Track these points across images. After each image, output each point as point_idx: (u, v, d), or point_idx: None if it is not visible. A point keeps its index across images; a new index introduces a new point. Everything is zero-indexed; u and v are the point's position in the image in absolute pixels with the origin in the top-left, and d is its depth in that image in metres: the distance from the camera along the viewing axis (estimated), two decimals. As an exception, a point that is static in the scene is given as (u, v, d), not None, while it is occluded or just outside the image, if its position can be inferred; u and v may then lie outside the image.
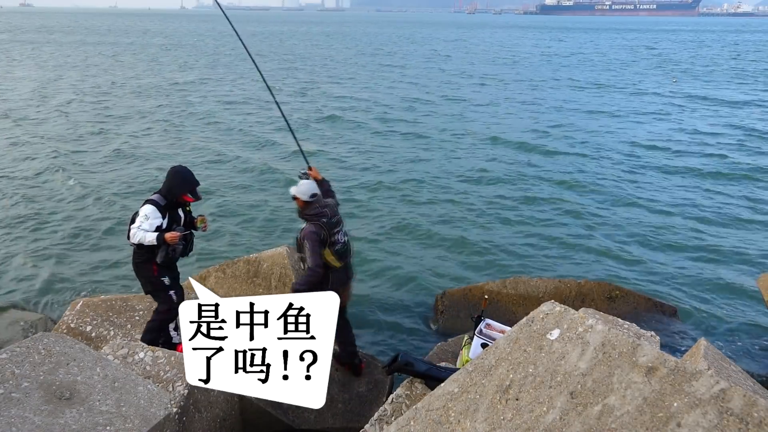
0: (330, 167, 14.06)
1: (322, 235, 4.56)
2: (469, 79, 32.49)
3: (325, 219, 4.61)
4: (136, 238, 4.54)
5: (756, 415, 2.32)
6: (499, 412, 2.65)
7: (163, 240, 4.53)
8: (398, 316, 7.35)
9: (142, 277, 4.79)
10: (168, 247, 4.58)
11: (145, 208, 4.56)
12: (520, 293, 7.00)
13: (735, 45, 66.05)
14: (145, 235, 4.52)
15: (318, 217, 4.61)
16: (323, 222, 4.59)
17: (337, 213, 4.80)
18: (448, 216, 10.85)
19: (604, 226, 10.41)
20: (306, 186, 4.73)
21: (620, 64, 42.38)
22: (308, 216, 4.65)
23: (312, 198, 4.68)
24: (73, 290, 7.82)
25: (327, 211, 4.66)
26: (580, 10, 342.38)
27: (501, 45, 65.02)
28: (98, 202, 11.23)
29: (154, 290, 4.79)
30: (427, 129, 18.86)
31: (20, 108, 21.02)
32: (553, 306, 2.94)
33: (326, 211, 4.66)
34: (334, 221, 4.68)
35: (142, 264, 4.72)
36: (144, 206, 4.57)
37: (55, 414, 2.75)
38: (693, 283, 8.32)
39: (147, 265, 4.70)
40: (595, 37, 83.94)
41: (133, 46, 52.87)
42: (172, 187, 4.65)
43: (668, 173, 13.83)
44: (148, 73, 33.10)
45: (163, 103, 22.84)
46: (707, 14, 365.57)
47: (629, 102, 24.97)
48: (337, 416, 4.69)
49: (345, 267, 4.79)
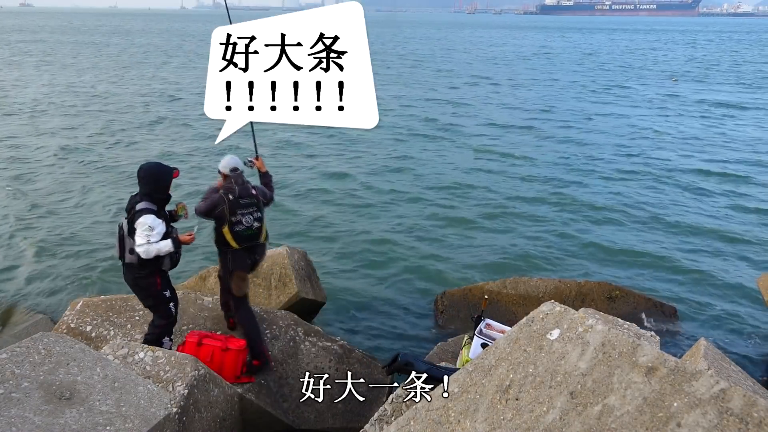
0: (331, 166, 14.08)
1: (219, 208, 4.63)
2: (459, 78, 32.50)
3: (231, 196, 4.67)
4: (150, 253, 4.26)
5: (756, 415, 2.32)
6: (499, 412, 2.65)
7: (179, 244, 4.41)
8: (398, 316, 7.35)
9: (143, 292, 4.55)
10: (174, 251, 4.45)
11: (145, 219, 4.22)
12: (520, 293, 7.00)
13: (736, 44, 66.07)
14: (159, 247, 4.28)
15: (227, 190, 4.70)
16: (229, 197, 4.65)
17: (253, 198, 4.78)
18: (448, 216, 10.85)
19: (605, 227, 10.41)
20: (227, 160, 4.81)
21: (625, 64, 42.40)
22: (218, 187, 4.80)
23: (231, 172, 4.75)
24: (73, 290, 7.82)
25: (237, 189, 4.71)
26: (580, 11, 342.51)
27: (502, 45, 65.05)
28: (98, 201, 11.24)
29: (155, 304, 4.57)
30: (426, 129, 18.87)
31: (18, 104, 21.04)
32: (553, 306, 2.94)
33: (236, 189, 4.71)
34: (242, 203, 4.70)
35: (144, 279, 4.45)
36: (141, 218, 4.22)
37: (55, 414, 2.75)
38: (693, 283, 8.32)
39: (151, 279, 4.46)
40: (604, 37, 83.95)
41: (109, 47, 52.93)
42: (156, 185, 4.37)
43: (668, 174, 13.82)
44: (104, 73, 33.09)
45: (166, 103, 22.86)
46: (707, 14, 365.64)
47: (630, 102, 24.97)
48: (337, 416, 4.69)
49: (247, 250, 4.80)
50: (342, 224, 10.35)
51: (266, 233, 4.95)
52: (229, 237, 4.69)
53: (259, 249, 4.94)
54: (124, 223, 4.36)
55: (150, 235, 4.23)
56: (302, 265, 6.44)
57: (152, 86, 27.69)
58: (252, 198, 4.77)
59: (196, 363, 3.75)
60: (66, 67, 35.22)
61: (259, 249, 4.94)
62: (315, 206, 11.27)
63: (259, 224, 4.81)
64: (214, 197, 4.71)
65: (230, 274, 4.85)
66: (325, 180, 13.02)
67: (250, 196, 4.76)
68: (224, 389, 3.95)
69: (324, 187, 12.54)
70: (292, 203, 11.43)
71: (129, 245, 4.33)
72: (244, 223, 4.71)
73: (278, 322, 5.23)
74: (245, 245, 4.74)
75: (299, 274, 6.19)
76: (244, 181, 4.82)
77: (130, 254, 4.35)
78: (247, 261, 4.83)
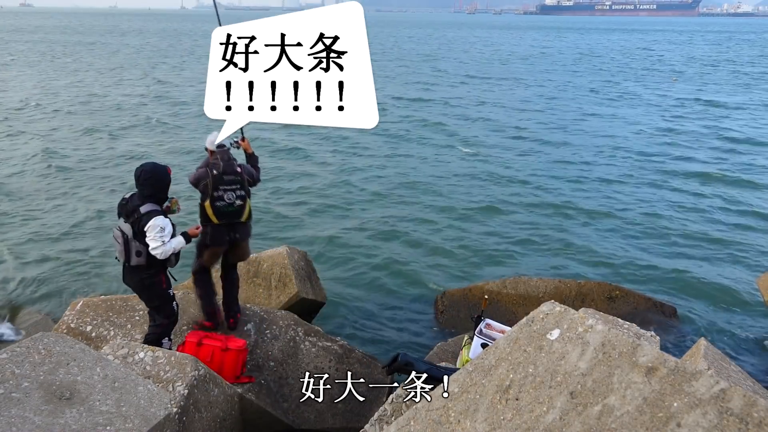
0: (330, 167, 14.08)
1: (203, 182, 4.77)
2: (452, 78, 32.50)
3: (216, 171, 4.78)
4: (167, 253, 4.30)
5: (756, 415, 2.32)
6: (499, 412, 2.65)
7: (189, 238, 4.49)
8: (398, 316, 7.35)
9: (149, 292, 4.55)
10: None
11: (156, 221, 4.23)
12: (520, 293, 7.00)
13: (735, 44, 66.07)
14: (174, 245, 4.33)
15: (212, 165, 4.82)
16: (213, 173, 4.77)
17: (237, 176, 4.87)
18: (448, 216, 10.85)
19: (605, 227, 10.41)
20: (213, 136, 4.89)
21: (624, 64, 42.40)
22: (206, 162, 4.92)
23: (217, 148, 4.87)
24: (73, 290, 7.82)
25: (221, 165, 4.81)
26: (580, 11, 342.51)
27: (499, 45, 65.02)
28: (98, 201, 11.24)
29: (160, 304, 4.59)
30: (425, 129, 18.87)
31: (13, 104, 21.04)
32: (553, 306, 2.94)
33: (220, 165, 4.81)
34: (226, 179, 4.80)
35: (150, 278, 4.47)
36: (151, 221, 4.22)
37: (55, 414, 2.75)
38: (693, 283, 8.32)
39: (157, 279, 4.49)
40: (603, 37, 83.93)
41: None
42: (160, 185, 4.39)
43: (668, 174, 13.83)
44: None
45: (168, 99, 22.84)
46: (707, 14, 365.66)
47: (629, 102, 24.97)
48: (337, 416, 4.69)
49: (226, 226, 4.88)
50: (342, 224, 10.35)
51: (249, 213, 5.02)
52: (210, 212, 4.79)
53: (240, 227, 5.01)
54: (125, 226, 4.34)
55: (163, 236, 4.27)
56: (302, 265, 6.44)
57: (149, 87, 27.69)
58: (236, 176, 4.86)
59: (196, 363, 3.75)
60: (56, 69, 35.22)
61: (240, 227, 5.01)
62: (315, 206, 11.27)
63: (241, 202, 4.89)
64: (199, 171, 4.85)
65: (205, 248, 5.00)
66: (325, 180, 13.02)
67: (235, 174, 4.85)
68: (224, 389, 3.95)
69: (324, 187, 12.54)
70: (292, 203, 11.43)
71: (135, 248, 4.33)
72: (225, 199, 4.80)
73: (278, 322, 5.23)
74: (225, 221, 4.83)
75: (299, 274, 6.19)
76: (230, 157, 4.91)
77: (137, 257, 4.35)
78: (225, 237, 4.92)
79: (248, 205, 4.97)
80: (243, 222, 4.98)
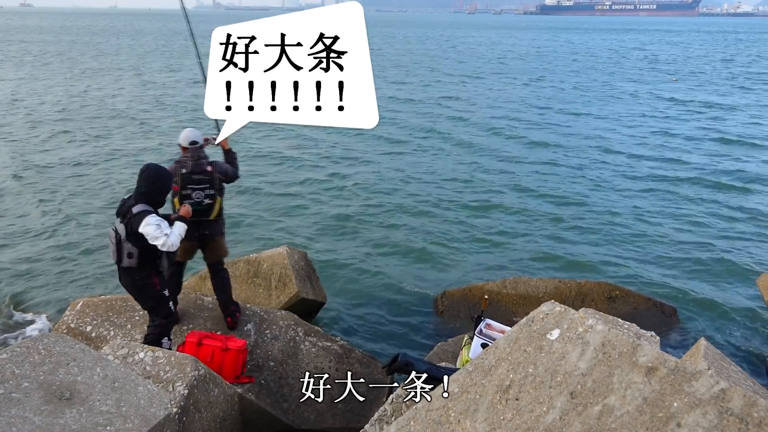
0: (329, 167, 14.08)
1: (173, 179, 4.79)
2: (458, 77, 32.51)
3: (184, 170, 4.84)
4: (176, 243, 4.27)
5: (756, 415, 2.32)
6: (499, 412, 2.65)
7: (184, 218, 4.48)
8: (398, 316, 7.35)
9: (143, 294, 4.52)
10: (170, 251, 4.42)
11: (149, 219, 4.16)
12: (520, 293, 7.00)
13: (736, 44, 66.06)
14: (177, 232, 4.30)
15: (181, 164, 4.87)
16: (182, 171, 4.84)
17: (206, 175, 4.89)
18: (447, 216, 10.85)
19: (604, 227, 10.40)
20: (186, 133, 4.96)
21: (625, 64, 42.41)
22: (179, 159, 4.97)
23: (189, 145, 4.91)
24: (73, 290, 7.82)
25: (190, 164, 4.86)
26: (580, 11, 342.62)
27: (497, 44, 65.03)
28: (98, 201, 11.23)
29: (156, 305, 4.55)
30: (424, 129, 18.87)
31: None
32: (553, 306, 2.94)
33: (189, 164, 4.86)
34: (194, 179, 4.85)
35: (143, 280, 4.44)
36: (144, 219, 4.15)
37: (55, 414, 2.75)
38: (693, 283, 8.32)
39: (150, 281, 4.45)
40: (602, 37, 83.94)
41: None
42: (158, 187, 4.36)
43: (668, 174, 13.83)
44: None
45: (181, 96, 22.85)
46: (707, 14, 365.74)
47: (629, 102, 24.97)
48: (337, 416, 4.69)
49: (195, 224, 4.92)
50: (341, 224, 10.35)
51: (219, 211, 5.07)
52: (178, 207, 4.85)
53: (208, 225, 5.06)
54: (120, 226, 4.31)
55: (162, 229, 4.21)
56: (302, 265, 6.44)
57: (147, 87, 27.70)
58: (205, 175, 4.90)
59: (196, 363, 3.75)
60: (46, 68, 35.22)
61: (208, 225, 5.06)
62: (314, 206, 11.27)
63: (210, 201, 4.94)
64: (170, 168, 4.88)
65: None
66: (325, 180, 13.02)
67: (204, 173, 4.89)
68: (224, 389, 3.95)
69: (323, 187, 12.54)
70: (291, 204, 11.43)
71: (127, 249, 4.30)
72: (193, 198, 4.86)
73: (278, 322, 5.23)
74: (192, 219, 4.85)
75: (299, 274, 6.19)
76: (200, 156, 4.94)
77: (128, 258, 4.33)
78: (194, 234, 4.96)
79: (218, 204, 5.02)
80: (210, 220, 5.03)
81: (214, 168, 4.96)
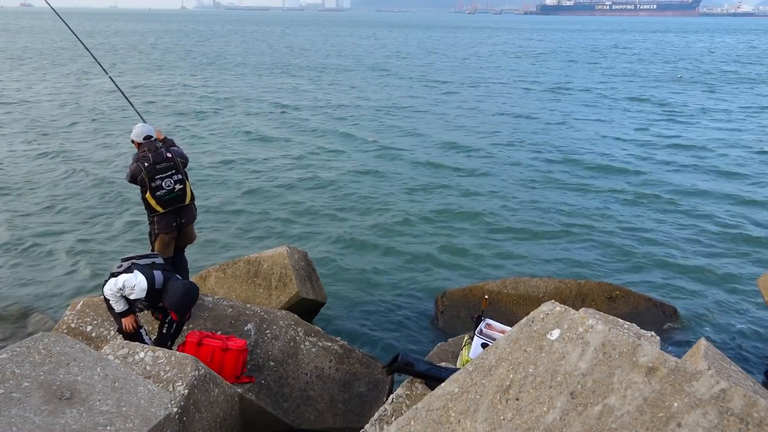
0: (329, 168, 14.07)
1: (140, 177, 4.92)
2: (458, 80, 32.51)
3: (147, 163, 4.92)
4: (109, 299, 4.51)
5: (756, 415, 2.32)
6: (499, 412, 2.65)
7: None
8: (398, 316, 7.35)
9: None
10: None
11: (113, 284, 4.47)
12: (520, 293, 7.00)
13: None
14: (118, 308, 4.52)
15: (142, 159, 4.96)
16: (145, 165, 4.93)
17: (169, 162, 4.99)
18: (448, 216, 10.85)
19: (604, 227, 10.40)
20: (138, 129, 5.07)
21: (627, 64, 42.41)
22: (137, 157, 5.05)
23: (144, 139, 5.03)
24: (73, 290, 7.82)
25: (151, 156, 4.95)
26: (580, 11, 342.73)
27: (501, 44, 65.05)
28: (98, 200, 11.23)
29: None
30: (423, 129, 18.86)
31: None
32: (553, 306, 2.94)
33: (149, 156, 4.95)
34: (159, 168, 4.94)
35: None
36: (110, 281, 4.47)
37: (55, 414, 2.75)
38: (693, 283, 8.31)
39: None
40: (603, 37, 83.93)
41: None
42: (175, 305, 4.41)
43: (668, 174, 13.83)
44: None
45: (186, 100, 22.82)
46: (707, 14, 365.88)
47: (630, 102, 24.97)
48: (337, 416, 4.69)
49: (173, 213, 5.01)
50: (342, 225, 10.35)
51: (191, 194, 5.16)
52: (153, 202, 4.95)
53: (185, 211, 5.15)
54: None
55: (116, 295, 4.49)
56: (302, 265, 6.44)
57: (144, 89, 27.70)
58: (168, 161, 4.99)
59: (196, 363, 3.75)
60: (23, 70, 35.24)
61: (185, 211, 5.15)
62: (315, 207, 11.27)
63: (181, 186, 5.04)
64: (132, 167, 4.98)
65: (155, 237, 5.17)
66: (324, 181, 13.02)
67: (166, 160, 4.98)
68: (224, 389, 3.95)
69: (323, 187, 12.54)
70: (291, 203, 11.43)
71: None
72: (164, 187, 4.95)
73: (278, 322, 5.23)
74: (170, 208, 4.96)
75: (299, 274, 6.18)
76: (157, 147, 5.04)
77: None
78: (173, 224, 5.07)
79: (188, 187, 5.12)
80: (187, 205, 5.13)
81: (173, 154, 5.07)
